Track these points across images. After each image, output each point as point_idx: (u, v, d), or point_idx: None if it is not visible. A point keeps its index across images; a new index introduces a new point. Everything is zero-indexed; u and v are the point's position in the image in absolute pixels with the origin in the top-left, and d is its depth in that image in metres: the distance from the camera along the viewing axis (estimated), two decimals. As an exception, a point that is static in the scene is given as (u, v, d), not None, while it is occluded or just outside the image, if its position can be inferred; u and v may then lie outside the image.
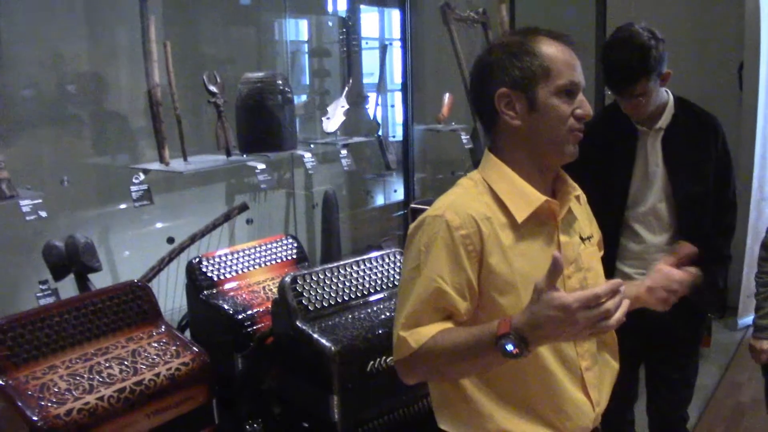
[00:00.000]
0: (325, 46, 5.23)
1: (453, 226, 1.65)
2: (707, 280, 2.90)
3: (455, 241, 1.65)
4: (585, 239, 1.88)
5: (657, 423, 3.14)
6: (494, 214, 1.70)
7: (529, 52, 1.68)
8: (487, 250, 1.67)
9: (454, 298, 1.66)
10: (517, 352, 1.51)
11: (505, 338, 1.51)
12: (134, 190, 3.15)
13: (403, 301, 1.70)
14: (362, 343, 2.38)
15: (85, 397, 2.06)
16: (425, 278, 1.66)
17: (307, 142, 4.47)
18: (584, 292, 1.46)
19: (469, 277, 1.67)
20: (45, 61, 3.40)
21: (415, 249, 1.70)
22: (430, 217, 1.70)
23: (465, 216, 1.67)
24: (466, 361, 1.64)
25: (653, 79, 2.64)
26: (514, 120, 1.70)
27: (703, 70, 5.72)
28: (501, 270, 1.68)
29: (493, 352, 1.54)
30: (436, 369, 1.71)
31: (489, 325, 1.57)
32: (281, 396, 2.59)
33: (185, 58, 3.91)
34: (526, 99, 1.68)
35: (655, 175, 2.83)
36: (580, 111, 1.70)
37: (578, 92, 1.71)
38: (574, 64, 1.70)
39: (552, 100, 1.68)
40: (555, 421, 1.77)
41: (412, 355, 1.66)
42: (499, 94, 1.69)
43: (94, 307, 2.31)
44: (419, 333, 1.65)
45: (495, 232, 1.68)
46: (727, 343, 5.31)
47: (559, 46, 1.70)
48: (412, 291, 1.68)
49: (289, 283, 2.45)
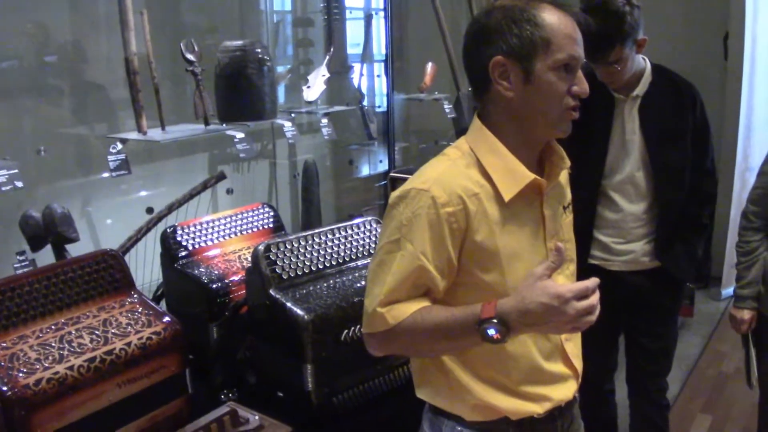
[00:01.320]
0: (308, 16, 5.18)
1: (439, 203, 1.61)
2: (685, 249, 2.92)
3: (440, 218, 1.61)
4: (566, 207, 1.87)
5: (636, 392, 3.16)
6: (482, 189, 1.66)
7: (531, 21, 1.60)
8: (473, 228, 1.64)
9: (435, 276, 1.64)
10: (498, 338, 1.51)
11: (488, 323, 1.51)
12: (112, 159, 3.12)
13: (379, 274, 1.66)
14: (336, 311, 2.36)
15: (55, 367, 2.05)
16: (408, 254, 1.62)
17: (288, 111, 4.43)
18: (576, 285, 1.49)
19: (450, 255, 1.64)
20: (21, 31, 3.36)
21: (396, 221, 1.65)
22: (415, 189, 1.64)
23: (452, 193, 1.62)
24: (444, 341, 1.64)
25: (629, 45, 2.62)
26: (507, 91, 1.64)
27: (689, 40, 5.71)
28: (487, 247, 1.65)
29: (473, 335, 1.54)
30: (411, 346, 1.71)
31: (471, 308, 1.56)
32: (256, 365, 2.59)
33: (167, 27, 3.88)
34: (522, 70, 1.62)
35: (632, 143, 2.81)
36: (576, 88, 1.64)
37: (577, 67, 1.64)
38: (576, 38, 1.63)
39: (549, 74, 1.61)
40: (535, 394, 1.77)
41: (387, 331, 1.64)
42: (494, 63, 1.62)
43: (65, 276, 2.29)
44: (397, 309, 1.63)
45: (482, 209, 1.65)
46: (710, 313, 5.34)
47: (562, 17, 1.62)
48: (392, 266, 1.64)
49: (262, 252, 2.43)
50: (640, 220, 2.88)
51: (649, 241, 2.89)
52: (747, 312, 2.91)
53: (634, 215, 2.88)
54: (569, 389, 1.84)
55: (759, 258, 2.86)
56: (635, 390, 3.16)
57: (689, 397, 4.30)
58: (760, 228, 2.87)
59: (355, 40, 5.50)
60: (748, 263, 2.88)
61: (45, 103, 3.52)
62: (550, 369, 1.79)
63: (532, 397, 1.77)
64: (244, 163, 4.42)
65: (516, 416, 1.76)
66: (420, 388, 1.85)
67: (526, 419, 1.78)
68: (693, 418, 4.08)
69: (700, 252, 2.97)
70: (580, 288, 1.48)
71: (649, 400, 3.11)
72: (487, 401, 1.74)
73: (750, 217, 2.89)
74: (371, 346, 1.72)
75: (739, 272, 2.93)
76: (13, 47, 3.34)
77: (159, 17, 3.69)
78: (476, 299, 1.58)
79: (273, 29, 5.00)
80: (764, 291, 2.87)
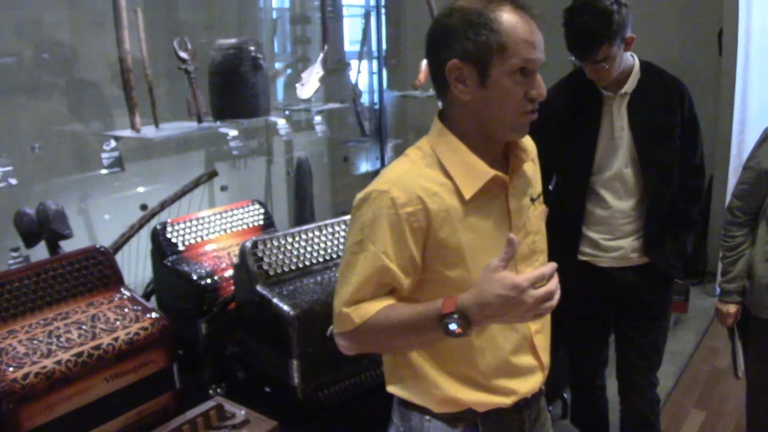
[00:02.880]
0: (306, 14, 5.20)
1: (398, 203, 1.62)
2: (673, 245, 2.94)
3: (400, 218, 1.63)
4: (534, 199, 1.86)
5: (627, 388, 3.16)
6: (442, 188, 1.67)
7: (487, 25, 1.59)
8: (435, 227, 1.65)
9: (398, 275, 1.65)
10: (459, 331, 1.54)
11: (449, 317, 1.53)
12: (105, 156, 3.15)
13: (346, 275, 1.69)
14: (322, 307, 2.38)
15: (43, 361, 2.08)
16: (370, 254, 1.64)
17: (281, 108, 4.46)
18: (532, 273, 1.50)
19: (413, 254, 1.66)
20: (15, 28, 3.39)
21: (359, 223, 1.67)
22: (375, 191, 1.66)
23: (411, 193, 1.64)
24: (409, 337, 1.66)
25: (616, 43, 2.63)
26: (463, 94, 1.64)
27: (684, 36, 5.72)
28: (449, 244, 1.67)
29: (436, 330, 1.56)
30: (378, 343, 1.73)
31: (433, 304, 1.58)
32: (244, 361, 2.61)
33: (163, 25, 3.90)
34: (478, 74, 1.61)
35: (620, 140, 2.82)
36: (534, 92, 1.64)
37: (535, 71, 1.64)
38: (533, 41, 1.61)
39: (504, 80, 1.60)
40: (503, 387, 1.79)
41: (354, 330, 1.66)
42: (450, 66, 1.62)
43: (55, 272, 2.32)
44: (363, 308, 1.65)
45: (444, 207, 1.66)
46: (705, 309, 5.32)
47: (521, 19, 1.61)
48: (356, 267, 1.66)
49: (249, 248, 2.46)
50: (629, 216, 2.89)
51: (638, 237, 2.90)
52: (732, 306, 2.93)
53: (622, 212, 2.89)
54: (536, 381, 1.86)
55: (744, 253, 2.88)
56: (625, 385, 3.16)
57: (683, 392, 4.30)
58: (744, 223, 2.88)
59: (354, 37, 5.52)
60: (734, 258, 2.89)
61: (39, 100, 3.54)
62: (517, 362, 1.80)
63: (500, 390, 1.79)
64: (240, 160, 4.44)
65: (483, 408, 1.79)
66: (390, 383, 1.88)
67: (493, 410, 1.80)
68: (686, 413, 4.09)
69: (689, 248, 2.98)
70: (536, 275, 1.49)
71: (639, 395, 3.12)
72: (454, 395, 1.77)
73: (735, 212, 2.90)
74: (341, 345, 1.74)
75: (725, 267, 2.94)
76: (7, 44, 3.36)
77: (155, 15, 3.71)
78: (443, 295, 1.60)
79: (270, 27, 5.02)
80: (749, 286, 2.88)
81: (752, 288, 2.86)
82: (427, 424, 1.81)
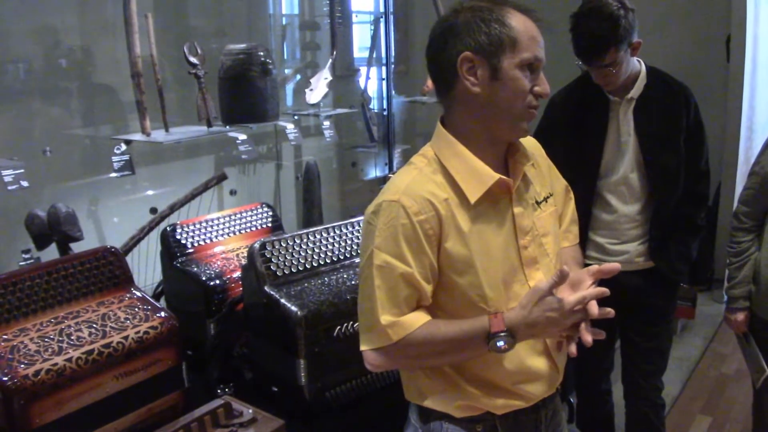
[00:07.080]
0: (315, 20, 5.23)
1: (411, 212, 1.66)
2: (678, 250, 2.95)
3: (415, 226, 1.66)
4: (540, 202, 1.88)
5: (631, 392, 3.18)
6: (450, 194, 1.71)
7: (499, 21, 1.66)
8: (446, 232, 1.69)
9: (421, 284, 1.68)
10: (506, 348, 1.63)
11: (497, 336, 1.62)
12: (116, 160, 3.18)
13: (367, 291, 1.71)
14: (329, 308, 2.40)
15: (54, 359, 2.10)
16: (389, 267, 1.67)
17: (291, 113, 4.48)
18: (576, 296, 1.62)
19: (431, 260, 1.69)
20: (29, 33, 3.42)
21: (373, 236, 1.70)
22: (386, 202, 1.70)
23: (422, 200, 1.67)
24: (453, 354, 1.72)
25: (623, 48, 2.65)
26: (474, 86, 1.68)
27: (692, 43, 5.74)
28: (458, 252, 1.70)
29: (482, 347, 1.64)
30: (417, 359, 1.76)
31: (479, 322, 1.65)
32: (252, 361, 2.63)
33: (174, 30, 3.93)
34: (489, 67, 1.66)
35: (626, 145, 2.85)
36: (539, 88, 1.70)
37: (540, 69, 1.70)
38: (539, 41, 1.69)
39: (515, 72, 1.66)
40: (521, 390, 1.82)
41: (390, 346, 1.68)
42: (463, 58, 1.67)
43: (66, 271, 2.34)
44: (398, 325, 1.67)
45: (452, 214, 1.69)
46: (712, 315, 5.34)
47: (527, 20, 1.68)
48: (377, 280, 1.68)
49: (257, 249, 2.48)
50: (635, 221, 2.91)
51: (644, 241, 2.93)
52: (741, 314, 2.94)
53: (628, 216, 2.91)
54: (552, 384, 1.90)
55: (750, 258, 2.89)
56: (630, 389, 3.18)
57: (689, 398, 4.31)
58: (751, 228, 2.90)
59: (363, 43, 5.55)
60: (739, 263, 2.91)
61: (52, 104, 3.58)
62: (535, 366, 1.83)
63: (518, 394, 1.82)
64: (250, 164, 4.47)
65: (501, 411, 1.82)
66: (407, 389, 1.91)
67: (511, 412, 1.83)
68: (693, 419, 4.09)
69: (694, 253, 2.99)
70: (579, 299, 1.62)
71: (644, 399, 3.13)
72: (475, 402, 1.80)
73: (741, 217, 2.92)
74: (371, 360, 1.75)
75: (731, 272, 2.96)
76: (21, 50, 3.40)
77: (166, 21, 3.75)
78: (456, 301, 1.69)
79: (280, 32, 5.06)
80: (755, 290, 2.89)
81: (758, 291, 2.87)
82: (446, 425, 1.84)
